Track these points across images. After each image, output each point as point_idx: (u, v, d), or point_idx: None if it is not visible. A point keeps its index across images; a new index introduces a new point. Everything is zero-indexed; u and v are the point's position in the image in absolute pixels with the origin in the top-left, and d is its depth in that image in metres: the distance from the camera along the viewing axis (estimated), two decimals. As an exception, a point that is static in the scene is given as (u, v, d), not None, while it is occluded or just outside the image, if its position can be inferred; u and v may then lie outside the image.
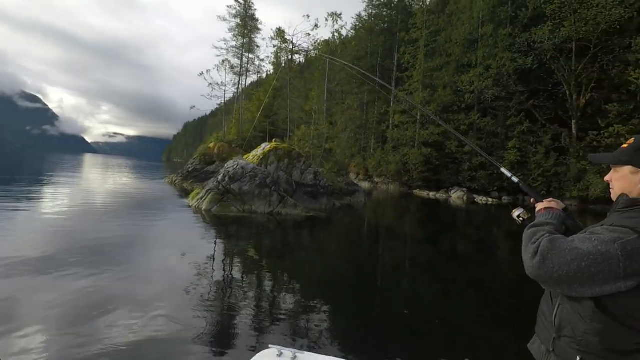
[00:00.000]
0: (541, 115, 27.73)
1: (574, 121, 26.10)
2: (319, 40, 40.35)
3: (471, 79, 30.18)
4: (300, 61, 57.60)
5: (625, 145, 1.25)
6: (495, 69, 28.68)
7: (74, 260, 5.90)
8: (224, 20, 37.46)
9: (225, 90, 39.13)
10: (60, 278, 5.10)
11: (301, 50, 40.60)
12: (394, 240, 11.36)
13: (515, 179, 1.66)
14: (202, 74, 37.17)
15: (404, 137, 34.54)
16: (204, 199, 12.94)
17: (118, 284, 5.09)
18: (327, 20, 38.54)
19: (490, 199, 26.93)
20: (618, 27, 24.14)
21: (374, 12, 43.73)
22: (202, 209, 12.42)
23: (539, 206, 1.40)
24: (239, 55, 38.91)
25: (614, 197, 1.27)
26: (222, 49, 38.32)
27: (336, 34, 42.37)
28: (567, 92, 26.23)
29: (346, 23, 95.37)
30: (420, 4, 38.98)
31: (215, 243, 8.51)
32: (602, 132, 23.90)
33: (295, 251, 8.85)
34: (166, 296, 4.76)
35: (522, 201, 27.01)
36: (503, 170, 1.72)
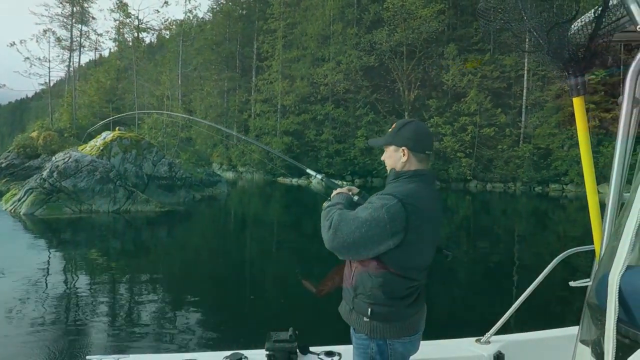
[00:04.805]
0: (382, 108, 31.96)
1: (406, 113, 30.89)
2: (170, 19, 36.82)
3: (325, 73, 32.39)
4: (151, 40, 51.70)
5: (390, 130, 1.49)
6: (345, 65, 31.50)
7: None
8: (43, -20, 30.63)
9: (50, 67, 32.28)
10: None
11: (149, 28, 36.55)
12: (261, 227, 11.48)
13: (319, 176, 1.87)
14: (13, 44, 29.78)
15: (266, 126, 34.94)
16: (22, 200, 10.53)
17: None
18: (178, -3, 35.44)
19: (344, 182, 29.69)
20: (435, 37, 29.69)
21: (232, -4, 42.30)
22: (21, 213, 10.10)
23: (334, 192, 1.60)
24: (68, 26, 32.52)
25: (388, 172, 1.49)
26: (42, 15, 31.37)
27: (190, 15, 39.29)
28: (401, 88, 30.87)
29: (200, 4, 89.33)
30: (277, -6, 39.45)
31: (49, 253, 7.08)
32: (426, 122, 29.08)
33: (151, 250, 8.07)
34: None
35: (370, 182, 30.82)
36: (309, 170, 1.95)
